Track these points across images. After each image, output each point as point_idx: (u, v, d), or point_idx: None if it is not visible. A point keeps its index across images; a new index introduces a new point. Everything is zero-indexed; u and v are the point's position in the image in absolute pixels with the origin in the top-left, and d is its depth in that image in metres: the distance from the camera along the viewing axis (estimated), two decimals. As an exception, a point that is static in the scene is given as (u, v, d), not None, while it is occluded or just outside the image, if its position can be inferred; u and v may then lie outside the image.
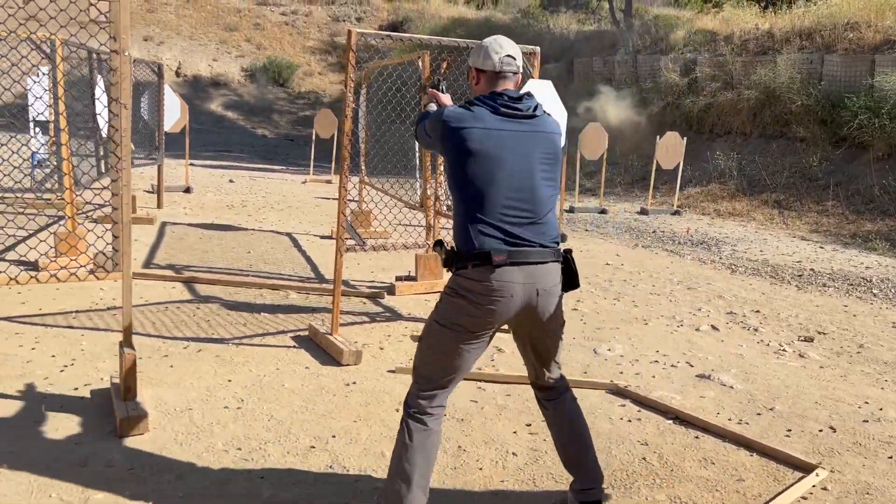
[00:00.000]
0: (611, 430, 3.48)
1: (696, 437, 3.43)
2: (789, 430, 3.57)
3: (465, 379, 3.98)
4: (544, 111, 2.55)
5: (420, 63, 5.81)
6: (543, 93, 4.60)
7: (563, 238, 8.60)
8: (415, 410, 2.45)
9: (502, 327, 2.50)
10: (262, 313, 5.10)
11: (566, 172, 9.52)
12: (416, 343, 2.55)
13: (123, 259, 3.22)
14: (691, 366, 4.47)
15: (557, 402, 2.65)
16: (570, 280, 2.50)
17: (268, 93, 26.39)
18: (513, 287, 2.33)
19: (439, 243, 2.51)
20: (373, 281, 6.28)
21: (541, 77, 5.10)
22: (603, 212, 11.56)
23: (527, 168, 2.41)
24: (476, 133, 2.37)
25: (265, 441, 3.19)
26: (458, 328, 2.38)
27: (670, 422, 3.60)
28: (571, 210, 11.45)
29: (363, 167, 7.97)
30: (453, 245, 2.44)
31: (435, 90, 2.95)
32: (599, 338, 4.95)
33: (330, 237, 8.20)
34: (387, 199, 6.46)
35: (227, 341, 4.46)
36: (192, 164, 12.60)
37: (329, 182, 13.99)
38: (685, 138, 12.03)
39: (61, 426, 3.21)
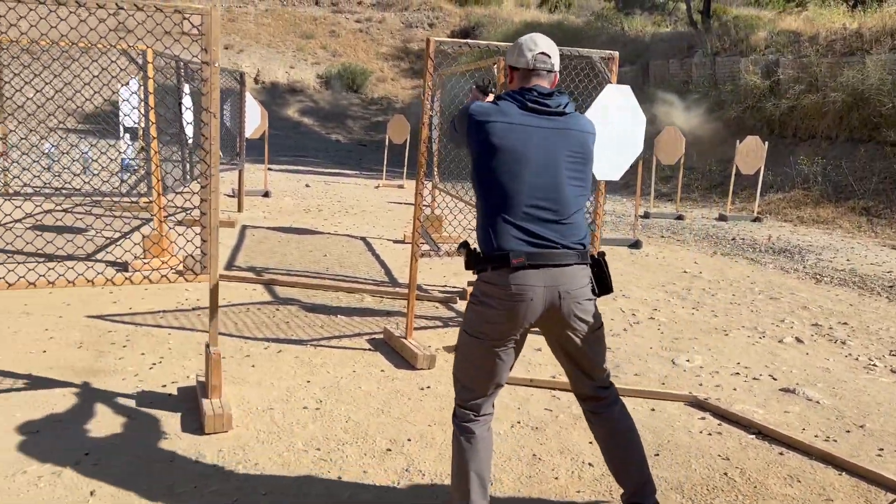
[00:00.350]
0: (690, 443, 3.40)
1: (781, 454, 3.31)
2: (881, 450, 3.41)
3: (540, 387, 3.97)
4: (576, 110, 2.46)
5: (495, 69, 5.82)
6: (622, 98, 4.54)
7: (638, 244, 8.47)
8: (461, 420, 2.45)
9: (532, 329, 2.43)
10: (338, 316, 5.21)
11: (642, 177, 9.36)
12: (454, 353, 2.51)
13: (211, 262, 3.34)
14: (774, 379, 4.33)
15: (605, 416, 2.54)
16: (602, 285, 2.41)
17: (342, 99, 26.93)
18: (532, 290, 2.27)
19: (464, 244, 2.46)
20: (445, 285, 6.32)
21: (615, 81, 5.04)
22: (680, 217, 11.30)
23: (552, 166, 2.33)
24: (500, 127, 2.32)
25: (343, 442, 3.25)
26: (483, 336, 2.35)
27: (753, 437, 3.49)
28: (646, 215, 11.24)
29: (436, 172, 8.04)
30: (476, 246, 2.40)
31: (478, 90, 2.88)
32: (678, 348, 4.84)
33: (402, 241, 8.30)
34: (459, 205, 6.49)
35: (306, 342, 4.57)
36: (270, 169, 12.96)
37: (401, 187, 14.15)
38: (766, 142, 11.66)
39: (151, 422, 3.36)
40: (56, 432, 3.20)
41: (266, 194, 11.57)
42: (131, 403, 3.54)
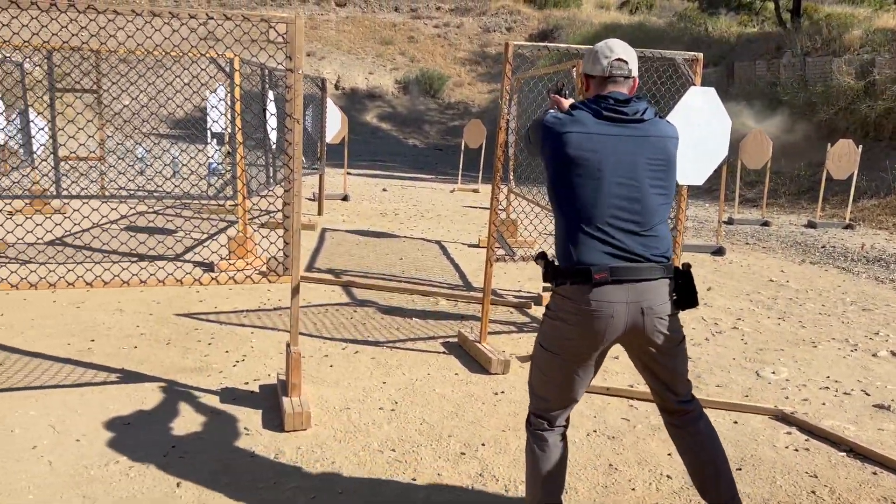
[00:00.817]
0: (775, 458, 3.26)
1: (874, 474, 3.14)
2: None
3: (617, 396, 3.90)
4: (657, 114, 2.37)
5: (574, 72, 5.76)
6: (706, 100, 4.42)
7: (722, 251, 8.21)
8: (536, 428, 2.41)
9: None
10: (413, 318, 5.26)
11: (726, 181, 9.07)
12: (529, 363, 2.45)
13: (293, 264, 3.43)
14: (867, 394, 4.11)
15: (690, 430, 2.46)
16: (688, 298, 2.31)
17: (419, 104, 27.20)
18: (613, 307, 2.19)
19: (542, 255, 2.37)
20: (519, 290, 6.29)
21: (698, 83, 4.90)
22: (766, 224, 10.90)
23: (632, 175, 2.25)
24: (575, 138, 2.24)
25: (417, 444, 3.27)
26: (560, 352, 2.28)
27: (843, 454, 3.32)
28: (730, 221, 10.89)
29: (512, 177, 8.01)
30: (555, 259, 2.33)
31: (558, 96, 2.78)
32: (762, 359, 4.67)
33: (477, 245, 8.31)
34: (535, 209, 6.45)
35: (382, 344, 4.64)
36: (349, 174, 13.21)
37: (476, 191, 14.18)
38: (860, 146, 11.10)
39: (233, 418, 3.47)
40: (145, 425, 3.35)
41: (345, 198, 11.80)
42: (215, 399, 3.67)
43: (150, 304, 5.27)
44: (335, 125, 10.63)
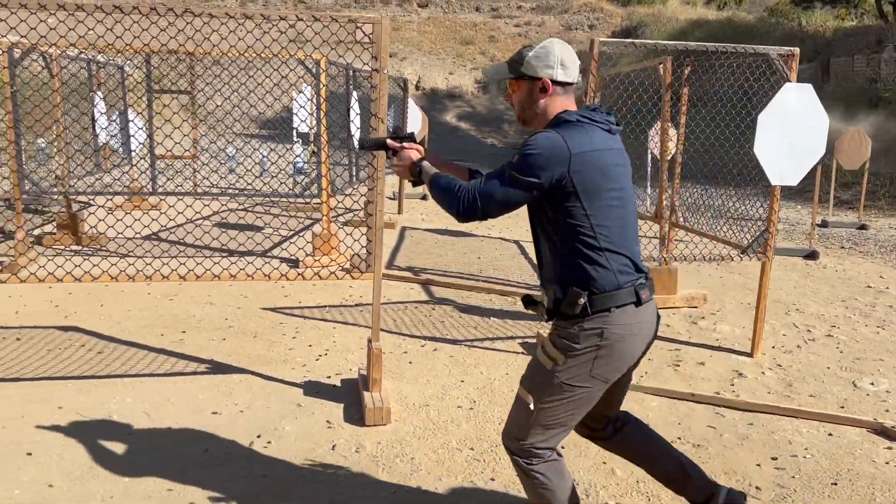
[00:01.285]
0: (874, 473, 3.09)
1: None
2: None
3: (701, 402, 3.78)
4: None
5: (661, 69, 5.63)
6: (802, 97, 4.22)
7: (815, 255, 7.85)
8: (544, 458, 2.23)
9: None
10: (491, 318, 5.25)
11: (820, 182, 8.66)
12: (526, 401, 2.19)
13: (375, 262, 3.48)
14: (978, 410, 3.84)
15: (626, 425, 2.45)
16: None
17: (499, 103, 27.14)
18: (647, 323, 2.16)
19: (528, 299, 2.30)
20: (601, 292, 6.18)
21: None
22: (863, 227, 10.35)
23: (629, 190, 2.20)
24: (596, 155, 2.08)
25: (495, 444, 3.26)
26: (596, 384, 2.14)
27: (951, 473, 3.12)
28: (824, 224, 10.40)
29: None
30: (572, 291, 2.09)
31: (413, 142, 2.50)
32: (860, 369, 4.43)
33: (558, 246, 8.22)
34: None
35: (460, 342, 4.65)
36: (428, 172, 13.31)
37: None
38: (971, 145, 10.40)
39: (316, 410, 3.55)
40: (233, 415, 3.47)
41: (424, 197, 11.88)
42: (299, 392, 3.76)
43: (238, 298, 5.45)
44: (416, 125, 10.71)
